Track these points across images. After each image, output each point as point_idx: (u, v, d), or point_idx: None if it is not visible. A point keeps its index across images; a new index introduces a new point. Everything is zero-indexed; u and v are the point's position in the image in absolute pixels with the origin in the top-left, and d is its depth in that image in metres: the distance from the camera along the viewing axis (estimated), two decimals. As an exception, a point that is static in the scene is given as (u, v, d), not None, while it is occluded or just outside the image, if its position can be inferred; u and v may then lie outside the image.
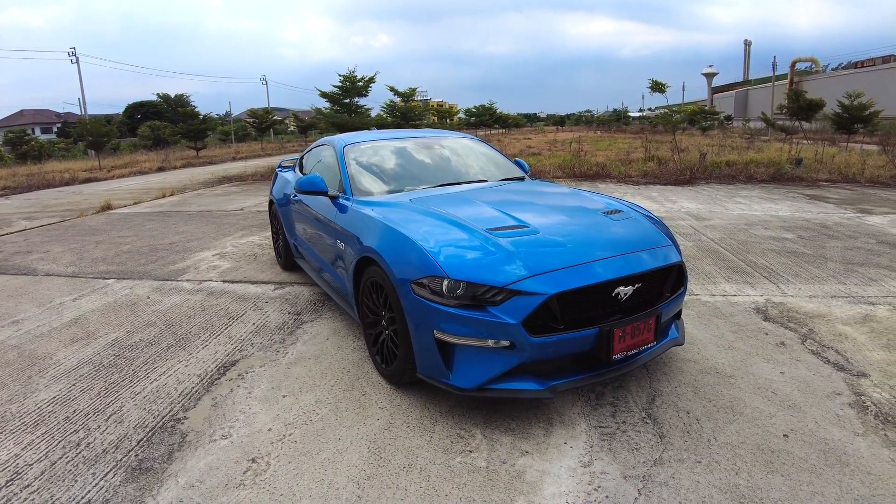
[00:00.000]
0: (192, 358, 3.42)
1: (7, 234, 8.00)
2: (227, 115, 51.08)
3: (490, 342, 2.30)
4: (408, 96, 21.29)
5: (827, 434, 2.35)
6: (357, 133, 4.62)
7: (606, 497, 2.00)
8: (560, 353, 2.34)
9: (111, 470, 2.32)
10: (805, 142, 16.89)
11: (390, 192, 3.56)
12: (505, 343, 2.28)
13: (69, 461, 2.39)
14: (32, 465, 2.37)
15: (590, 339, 2.34)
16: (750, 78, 60.19)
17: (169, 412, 2.78)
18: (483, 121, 37.66)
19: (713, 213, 7.51)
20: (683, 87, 71.48)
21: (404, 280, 2.51)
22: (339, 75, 14.85)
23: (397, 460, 2.29)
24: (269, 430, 2.59)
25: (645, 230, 2.85)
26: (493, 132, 44.60)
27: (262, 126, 31.10)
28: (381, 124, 17.28)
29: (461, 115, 44.44)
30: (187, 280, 5.13)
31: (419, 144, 4.24)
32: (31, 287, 5.09)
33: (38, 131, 56.08)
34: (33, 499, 2.14)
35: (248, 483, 2.20)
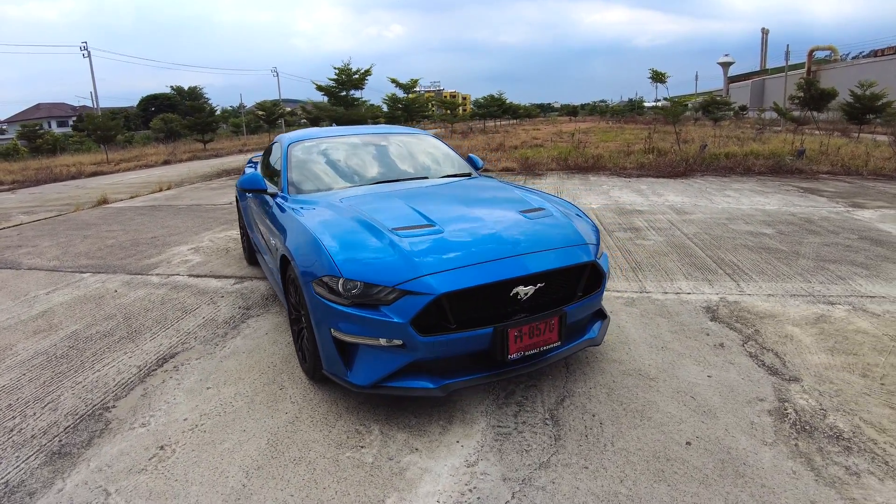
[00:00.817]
0: (137, 350, 3.50)
1: (3, 228, 8.25)
2: (241, 106, 51.64)
3: (382, 341, 2.31)
4: (409, 88, 21.27)
5: (733, 442, 2.28)
6: (306, 130, 4.65)
7: (478, 499, 2.00)
8: (454, 352, 2.34)
9: (34, 454, 2.44)
10: (817, 132, 16.42)
11: (324, 190, 3.57)
12: (397, 342, 2.29)
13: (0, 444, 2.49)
14: None
15: (485, 339, 2.33)
16: (767, 67, 58.62)
17: (101, 401, 2.88)
18: (491, 112, 37.35)
19: (697, 207, 7.37)
20: (696, 76, 70.02)
21: (308, 279, 2.53)
22: (335, 68, 14.92)
23: (291, 453, 2.33)
24: (185, 419, 2.66)
25: (559, 229, 2.81)
26: (501, 123, 44.27)
27: (270, 118, 31.38)
28: (375, 116, 17.29)
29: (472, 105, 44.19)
30: (156, 274, 5.24)
31: (366, 142, 4.23)
32: (12, 281, 5.25)
33: (53, 125, 57.24)
34: None
35: (150, 469, 2.29)
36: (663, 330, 3.44)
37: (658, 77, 12.05)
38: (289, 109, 45.29)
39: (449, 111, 32.89)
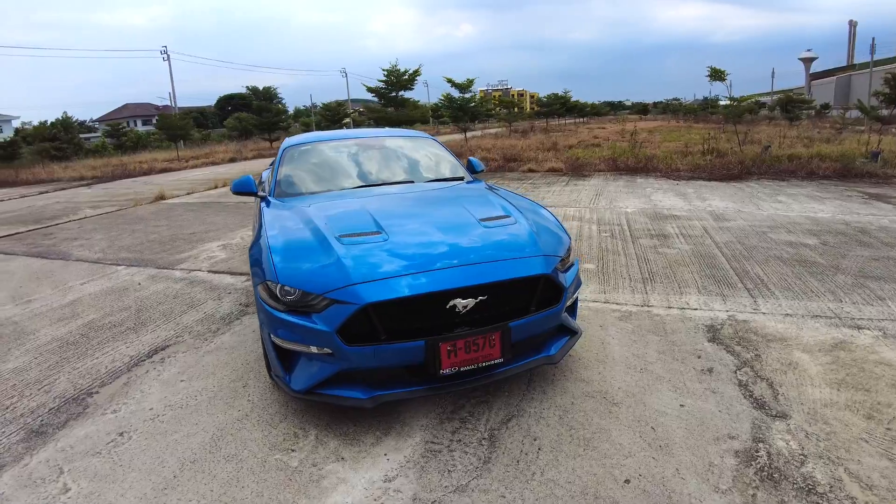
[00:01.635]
0: (136, 341, 3.72)
1: (70, 221, 9.06)
2: (314, 106, 53.67)
3: (314, 349, 2.31)
4: (465, 87, 21.19)
5: (679, 485, 2.05)
6: (309, 134, 4.75)
7: (381, 515, 1.95)
8: (386, 363, 2.29)
9: (17, 430, 2.68)
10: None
11: (305, 194, 3.62)
12: (327, 350, 2.28)
13: None
14: None
15: (419, 352, 2.26)
16: (854, 63, 53.42)
17: (88, 387, 3.09)
18: (554, 110, 36.56)
19: (739, 214, 6.83)
20: (773, 73, 65.06)
21: (256, 281, 2.58)
22: (383, 70, 15.13)
23: (227, 450, 2.40)
24: (151, 409, 2.81)
25: (513, 239, 2.66)
26: (566, 121, 43.26)
27: (335, 118, 32.43)
28: (423, 118, 17.38)
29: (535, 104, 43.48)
30: (181, 269, 5.55)
31: (360, 145, 4.25)
32: (59, 271, 5.74)
33: (139, 123, 61.96)
34: None
35: (104, 453, 2.44)
36: (650, 349, 3.21)
37: (717, 75, 11.24)
38: (354, 110, 46.59)
39: (507, 110, 32.62)
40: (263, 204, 3.60)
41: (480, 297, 2.35)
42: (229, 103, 59.43)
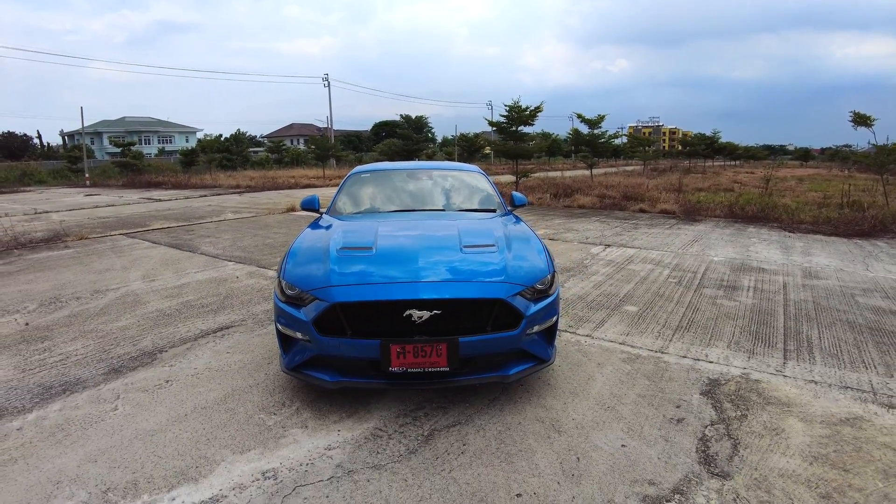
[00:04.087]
0: (211, 320, 4.63)
1: (211, 221, 10.95)
2: (461, 136, 56.57)
3: (299, 335, 2.85)
4: (595, 124, 21.05)
5: None
6: (376, 164, 5.43)
7: (306, 471, 2.42)
8: (350, 354, 2.74)
9: (104, 367, 3.64)
10: None
11: (346, 214, 4.25)
12: (306, 337, 2.80)
13: (91, 356, 3.81)
14: (72, 352, 3.86)
15: (375, 349, 2.68)
16: None
17: (162, 346, 4.02)
18: (697, 150, 34.37)
19: (837, 273, 6.10)
20: None
21: (278, 276, 3.21)
22: (505, 105, 15.78)
23: (229, 404, 3.06)
24: (195, 368, 3.59)
25: (482, 266, 2.95)
26: (713, 163, 40.28)
27: (471, 149, 33.95)
28: (553, 150, 17.55)
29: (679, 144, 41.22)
30: (275, 269, 6.55)
31: (411, 176, 4.79)
32: (184, 261, 7.13)
33: (301, 142, 69.64)
34: (55, 366, 3.62)
35: (150, 390, 3.27)
36: (632, 392, 3.23)
37: (861, 120, 9.96)
38: (492, 141, 48.07)
39: (644, 148, 31.51)
40: (317, 218, 4.30)
41: (435, 311, 2.70)
42: (384, 129, 64.31)
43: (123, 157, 30.32)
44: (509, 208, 4.54)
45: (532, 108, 15.57)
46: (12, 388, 3.30)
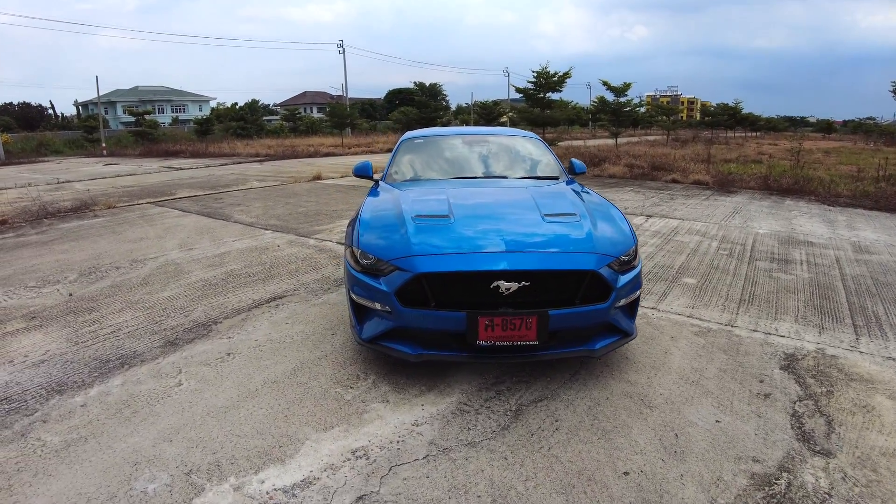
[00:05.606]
0: (262, 289, 4.57)
1: (238, 190, 10.86)
2: (475, 104, 55.56)
3: (377, 305, 2.76)
4: (621, 91, 20.55)
5: (676, 490, 2.08)
6: (426, 129, 5.23)
7: (398, 449, 2.34)
8: (433, 327, 2.64)
9: (160, 339, 3.58)
10: None
11: (407, 181, 4.10)
12: (387, 308, 2.71)
13: (143, 328, 3.75)
14: (122, 323, 3.82)
15: (461, 321, 2.58)
16: None
17: (215, 318, 3.96)
18: (720, 121, 33.55)
19: (889, 248, 5.89)
20: None
21: (346, 248, 3.10)
22: (533, 71, 15.35)
23: (301, 378, 2.99)
24: (256, 340, 3.51)
25: (568, 234, 2.83)
26: (735, 133, 39.40)
27: (490, 116, 33.34)
28: (569, 119, 17.20)
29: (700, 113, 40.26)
30: (315, 238, 6.48)
31: (467, 142, 4.62)
32: (219, 230, 7.06)
33: (314, 110, 68.74)
34: (108, 338, 3.56)
35: (213, 364, 3.21)
36: (712, 366, 3.14)
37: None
38: (512, 108, 47.19)
39: (666, 117, 30.81)
40: (374, 186, 4.17)
41: (524, 283, 2.60)
42: (397, 97, 63.08)
43: (138, 126, 30.13)
44: (570, 176, 4.39)
45: (561, 73, 15.13)
46: (68, 362, 3.23)
